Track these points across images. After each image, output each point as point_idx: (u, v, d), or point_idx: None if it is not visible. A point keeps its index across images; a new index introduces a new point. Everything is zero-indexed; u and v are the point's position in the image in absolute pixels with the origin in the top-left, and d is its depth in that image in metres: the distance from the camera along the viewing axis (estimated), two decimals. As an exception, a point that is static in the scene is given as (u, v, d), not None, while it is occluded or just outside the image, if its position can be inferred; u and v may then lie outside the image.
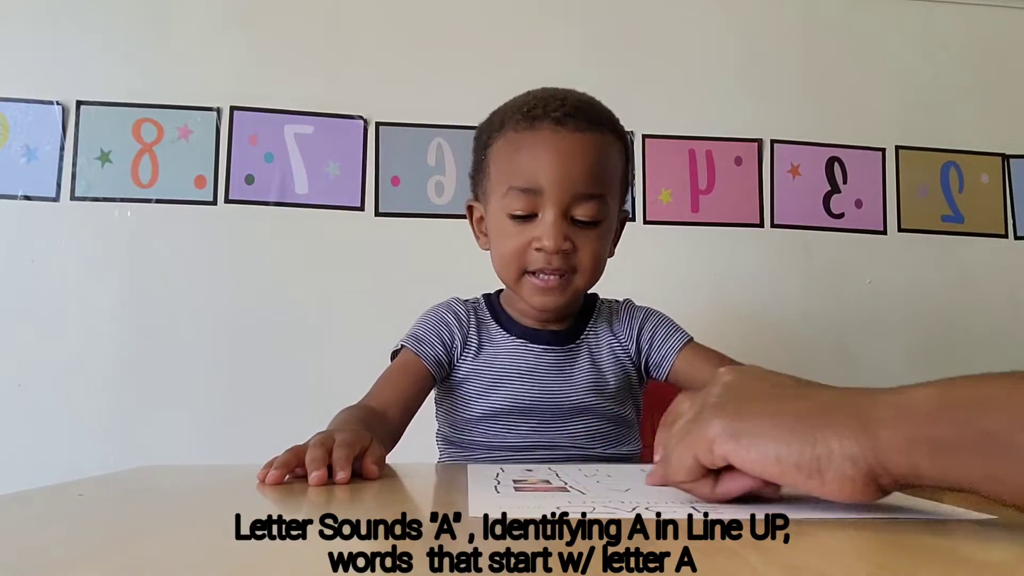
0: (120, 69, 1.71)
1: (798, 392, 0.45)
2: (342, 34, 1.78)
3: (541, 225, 0.87)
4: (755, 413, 0.44)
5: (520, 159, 0.89)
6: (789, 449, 0.41)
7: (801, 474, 0.40)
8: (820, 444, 0.40)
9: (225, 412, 1.65)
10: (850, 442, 0.39)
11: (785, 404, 0.44)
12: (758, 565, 0.31)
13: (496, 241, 0.92)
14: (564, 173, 0.87)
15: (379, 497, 0.56)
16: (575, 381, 0.96)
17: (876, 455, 0.38)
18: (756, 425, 0.43)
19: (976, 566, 0.32)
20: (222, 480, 0.68)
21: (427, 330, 0.98)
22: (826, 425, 0.40)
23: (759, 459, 0.42)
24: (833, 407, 0.41)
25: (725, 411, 0.45)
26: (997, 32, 1.98)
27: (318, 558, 0.31)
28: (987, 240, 1.92)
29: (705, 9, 1.89)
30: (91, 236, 1.67)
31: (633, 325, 1.00)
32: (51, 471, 1.30)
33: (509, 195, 0.88)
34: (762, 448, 0.42)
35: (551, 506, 0.45)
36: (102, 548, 0.36)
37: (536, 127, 0.88)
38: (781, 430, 0.42)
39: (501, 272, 0.94)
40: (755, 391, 0.46)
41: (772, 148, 1.87)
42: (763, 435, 0.42)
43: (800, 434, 0.41)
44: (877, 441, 0.38)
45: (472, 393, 0.97)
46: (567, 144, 0.88)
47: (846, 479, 0.39)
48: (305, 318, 1.69)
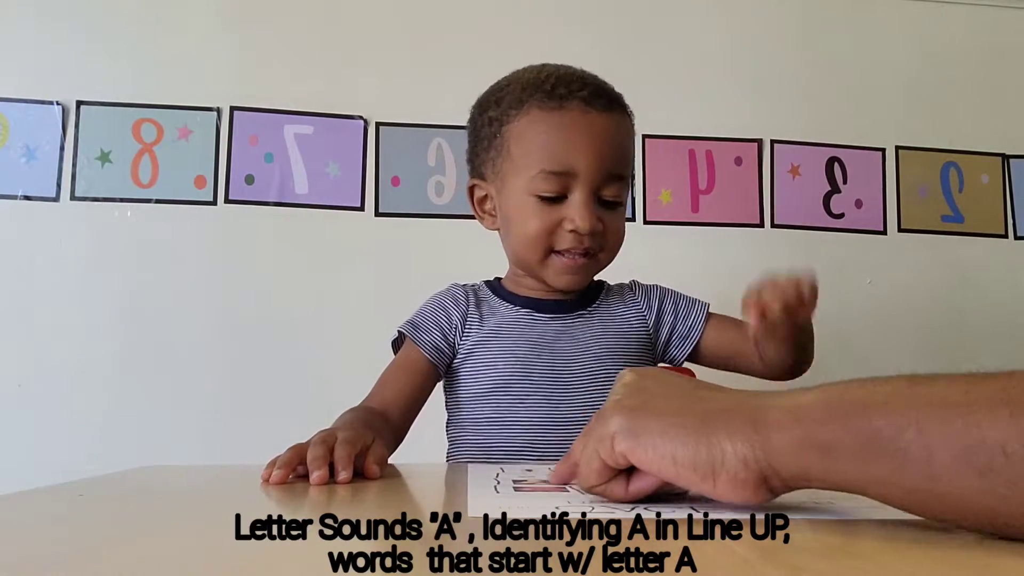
0: (120, 69, 1.71)
1: (697, 394, 0.46)
2: (342, 34, 1.78)
3: (573, 206, 0.87)
4: (654, 412, 0.44)
5: (553, 141, 0.88)
6: (685, 450, 0.41)
7: (696, 475, 0.41)
8: (715, 446, 0.40)
9: (225, 412, 1.65)
10: (742, 445, 0.40)
11: (684, 405, 0.44)
12: (758, 565, 0.31)
13: (520, 221, 0.90)
14: (598, 155, 0.87)
15: (379, 497, 0.56)
16: (588, 345, 0.93)
17: (767, 458, 0.39)
18: (655, 424, 0.43)
19: (975, 565, 0.32)
20: (222, 480, 0.68)
21: (424, 316, 0.96)
22: (721, 427, 0.41)
23: (656, 459, 0.42)
24: (728, 410, 0.42)
25: (625, 409, 0.45)
26: (997, 32, 1.98)
27: (318, 558, 0.31)
28: (987, 240, 1.92)
29: (705, 9, 1.89)
30: (91, 236, 1.67)
31: (651, 297, 0.99)
32: (51, 471, 1.30)
33: (539, 177, 0.87)
34: (660, 448, 0.42)
35: (550, 506, 0.45)
36: (102, 548, 0.36)
37: (565, 107, 0.88)
38: (678, 430, 0.42)
39: (524, 252, 0.91)
40: (655, 391, 0.47)
41: (772, 148, 1.87)
42: (661, 434, 0.43)
43: (696, 435, 0.41)
44: (768, 444, 0.39)
45: (480, 366, 0.93)
46: (600, 126, 0.88)
47: (738, 481, 0.40)
48: (305, 318, 1.69)
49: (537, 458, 0.88)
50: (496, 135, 0.93)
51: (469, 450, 0.93)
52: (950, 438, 0.33)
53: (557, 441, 0.88)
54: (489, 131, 0.94)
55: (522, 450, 0.89)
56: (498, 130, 0.92)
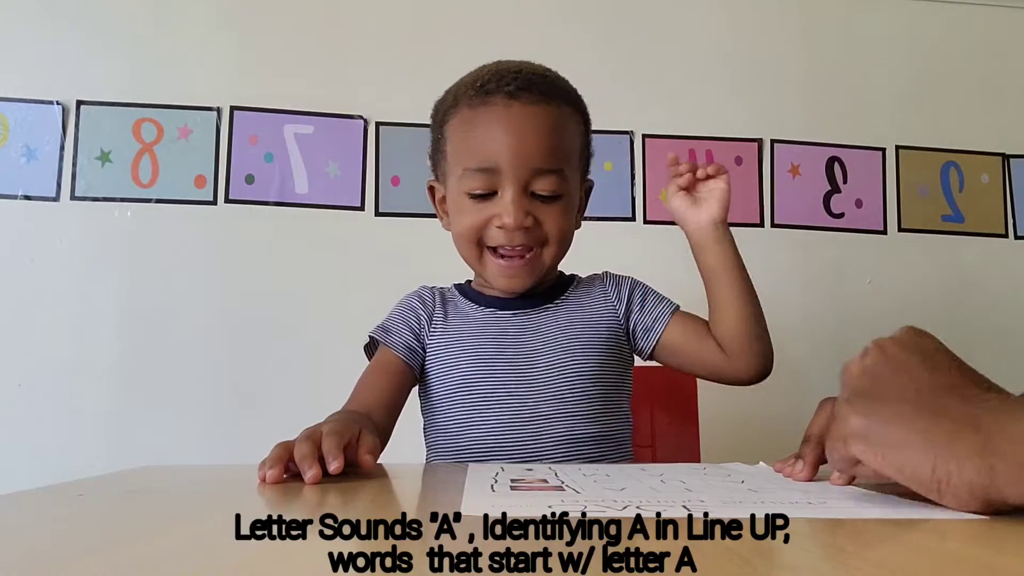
0: (120, 69, 1.72)
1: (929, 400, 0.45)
2: (342, 34, 1.78)
3: (501, 203, 0.86)
4: (886, 419, 0.45)
5: (475, 138, 0.87)
6: (912, 465, 0.43)
7: (921, 488, 0.42)
8: (941, 467, 0.41)
9: (225, 412, 1.65)
10: (969, 470, 0.40)
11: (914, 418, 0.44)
12: (758, 565, 0.31)
13: (455, 219, 0.91)
14: (520, 149, 0.85)
15: (379, 497, 0.56)
16: (553, 336, 0.92)
17: (993, 484, 0.39)
18: (885, 432, 0.45)
19: (976, 566, 0.32)
20: (222, 480, 0.68)
21: (394, 319, 0.97)
22: (950, 449, 0.41)
23: (885, 465, 0.44)
24: (960, 429, 0.42)
25: (857, 412, 0.47)
26: (997, 32, 1.98)
27: (318, 558, 0.31)
28: (987, 240, 1.92)
29: (705, 9, 1.89)
30: (91, 236, 1.67)
31: (622, 288, 0.98)
32: (51, 471, 1.30)
33: (465, 176, 0.87)
34: (889, 458, 0.44)
35: (544, 504, 0.45)
36: (102, 548, 0.36)
37: (489, 102, 0.86)
38: (907, 446, 0.43)
39: (462, 251, 0.92)
40: (887, 389, 0.48)
41: (772, 148, 1.87)
42: (890, 445, 0.44)
43: (924, 453, 0.42)
44: (994, 472, 0.39)
45: (445, 367, 0.93)
46: (521, 118, 0.86)
47: (962, 502, 0.41)
48: (305, 318, 1.69)
49: (509, 453, 0.87)
50: (439, 136, 0.93)
51: (445, 451, 0.93)
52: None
53: (527, 435, 0.88)
54: (434, 133, 0.95)
55: (493, 447, 0.89)
56: (439, 131, 0.93)
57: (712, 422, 0.95)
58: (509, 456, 0.87)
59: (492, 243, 0.89)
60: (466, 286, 1.01)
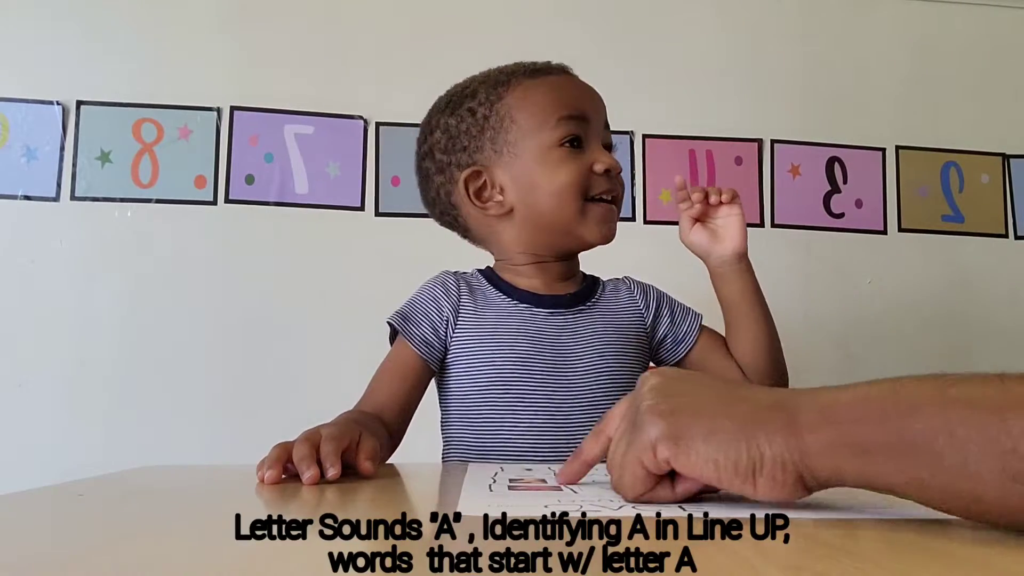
0: (120, 69, 1.71)
1: (732, 393, 0.46)
2: (342, 34, 1.78)
3: (595, 151, 0.91)
4: (693, 416, 0.44)
5: (560, 92, 0.92)
6: (726, 453, 0.42)
7: (737, 478, 0.41)
8: (753, 449, 0.41)
9: (225, 412, 1.65)
10: (779, 446, 0.40)
11: (721, 406, 0.44)
12: (758, 565, 0.31)
13: (548, 177, 0.89)
14: (597, 102, 0.95)
15: (378, 497, 0.56)
16: (590, 340, 0.91)
17: (803, 459, 0.40)
18: (694, 428, 0.44)
19: (975, 565, 0.32)
20: (222, 480, 0.68)
21: (415, 307, 0.93)
22: (759, 429, 0.41)
23: (700, 463, 0.43)
24: (765, 410, 0.42)
25: (663, 414, 0.45)
26: (997, 32, 1.98)
27: (318, 558, 0.31)
28: (987, 240, 1.92)
29: (705, 9, 1.89)
30: (91, 236, 1.67)
31: (649, 296, 1.00)
32: (51, 471, 1.30)
33: (560, 125, 0.90)
34: (703, 453, 0.43)
35: (539, 504, 0.45)
36: (102, 548, 0.36)
37: (552, 72, 0.94)
38: (719, 434, 0.42)
39: (560, 207, 0.90)
40: (688, 392, 0.47)
41: (772, 148, 1.87)
42: (703, 439, 0.43)
43: (735, 438, 0.42)
44: (803, 445, 0.40)
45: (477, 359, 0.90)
46: (585, 83, 0.96)
47: (776, 482, 0.41)
48: (305, 318, 1.69)
49: (537, 455, 0.86)
50: (488, 116, 0.92)
51: (467, 448, 0.91)
52: (984, 444, 0.34)
53: (558, 438, 0.87)
54: (474, 119, 0.93)
55: (522, 447, 0.87)
56: (489, 111, 0.92)
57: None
58: (540, 456, 0.86)
59: (596, 190, 0.91)
60: (493, 275, 0.97)
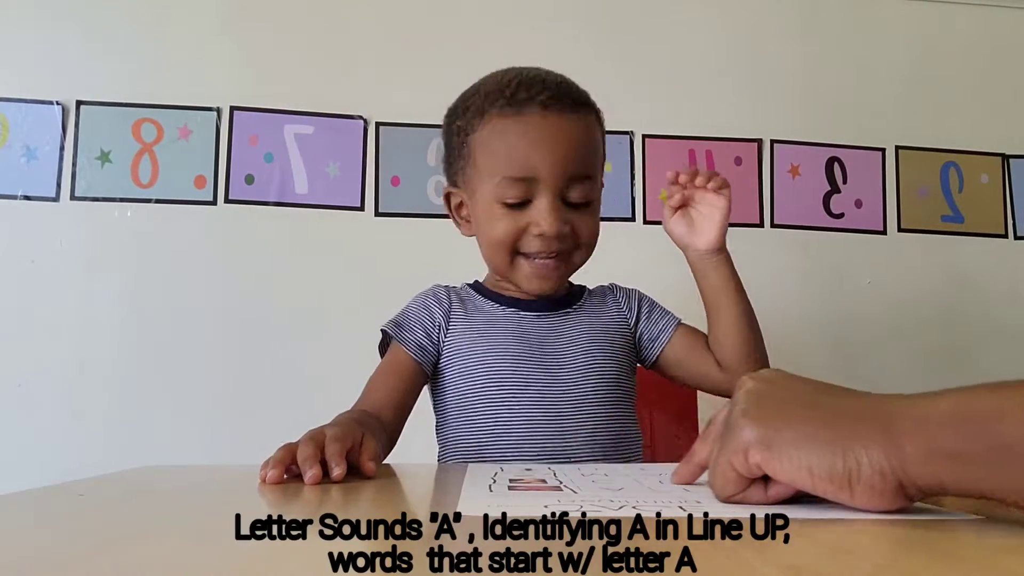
0: (120, 69, 1.71)
1: (826, 400, 0.45)
2: (342, 34, 1.78)
3: (537, 211, 0.87)
4: (785, 421, 0.44)
5: (512, 147, 0.88)
6: (820, 460, 0.41)
7: (832, 485, 0.41)
8: (850, 456, 0.40)
9: (225, 412, 1.65)
10: (878, 455, 0.40)
11: (814, 412, 0.44)
12: (758, 565, 0.31)
13: (487, 226, 0.91)
14: (558, 158, 0.87)
15: (378, 497, 0.56)
16: (576, 340, 0.94)
17: (903, 467, 0.39)
18: (787, 434, 0.43)
19: (975, 565, 0.32)
20: (222, 480, 0.68)
21: (408, 316, 0.96)
22: (854, 437, 0.41)
23: (792, 469, 0.42)
24: (861, 417, 0.42)
25: (754, 418, 0.45)
26: (997, 32, 1.98)
27: (318, 558, 0.31)
28: (987, 240, 1.92)
29: (705, 9, 1.89)
30: (91, 236, 1.67)
31: (631, 298, 1.01)
32: (51, 471, 1.30)
33: (503, 184, 0.87)
34: (795, 459, 0.42)
35: (540, 504, 0.45)
36: (102, 548, 0.36)
37: (523, 112, 0.88)
38: (811, 441, 0.42)
39: (493, 257, 0.93)
40: (781, 397, 0.46)
41: (772, 148, 1.87)
42: (795, 445, 0.42)
43: (830, 445, 0.41)
44: (902, 453, 0.39)
45: (468, 363, 0.93)
46: (559, 129, 0.88)
47: (875, 491, 0.40)
48: (305, 318, 1.69)
49: (528, 454, 0.87)
50: (463, 144, 0.93)
51: (461, 450, 0.92)
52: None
53: (548, 437, 0.88)
54: (457, 140, 0.94)
55: (513, 447, 0.89)
56: (464, 139, 0.93)
57: (712, 422, 0.95)
58: (533, 455, 0.87)
59: (528, 250, 0.90)
60: (481, 285, 1.01)
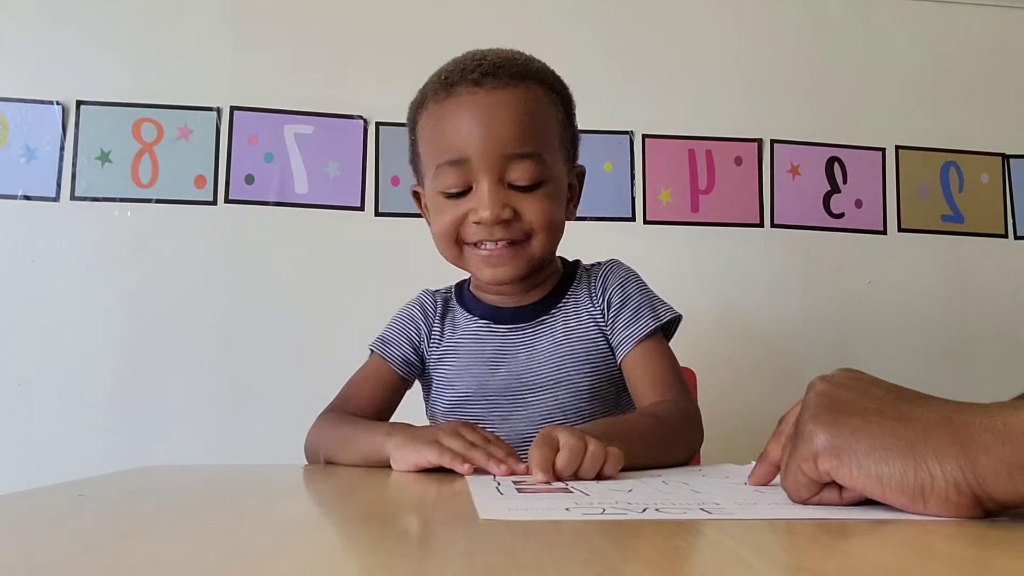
0: (120, 69, 1.71)
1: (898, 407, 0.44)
2: (342, 34, 1.78)
3: (476, 196, 0.82)
4: (855, 429, 0.43)
5: (442, 131, 0.84)
6: (891, 470, 0.41)
7: (904, 496, 0.40)
8: (922, 468, 0.40)
9: (225, 412, 1.65)
10: (952, 468, 0.39)
11: (886, 420, 0.43)
12: (758, 565, 0.31)
13: (434, 221, 0.88)
14: (489, 136, 0.81)
15: (379, 497, 0.56)
16: (547, 356, 0.90)
17: (978, 481, 0.38)
18: (857, 442, 0.43)
19: (975, 565, 0.32)
20: (222, 480, 0.68)
21: (394, 331, 0.97)
22: (927, 448, 0.40)
23: (862, 478, 0.42)
24: (934, 427, 0.41)
25: (825, 425, 0.44)
26: (997, 32, 1.98)
27: (318, 557, 0.31)
28: (987, 240, 1.92)
29: (705, 9, 1.89)
30: (91, 236, 1.67)
31: (607, 289, 0.92)
32: (51, 471, 1.30)
33: (439, 173, 0.84)
34: (865, 468, 0.42)
35: (559, 507, 0.45)
36: (102, 548, 0.36)
37: (453, 94, 0.83)
38: (883, 450, 0.41)
39: (442, 251, 0.89)
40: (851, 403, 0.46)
41: (772, 148, 1.87)
42: (866, 454, 0.42)
43: (902, 456, 0.41)
44: (978, 466, 0.38)
45: (441, 384, 0.94)
46: (487, 104, 0.82)
47: (950, 504, 0.39)
48: (305, 318, 1.69)
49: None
50: (413, 139, 0.92)
51: None
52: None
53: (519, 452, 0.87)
54: (411, 136, 0.93)
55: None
56: (413, 134, 0.92)
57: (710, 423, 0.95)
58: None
59: (471, 239, 0.85)
60: (466, 290, 0.99)
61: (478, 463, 0.65)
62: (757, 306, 1.82)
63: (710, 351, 1.61)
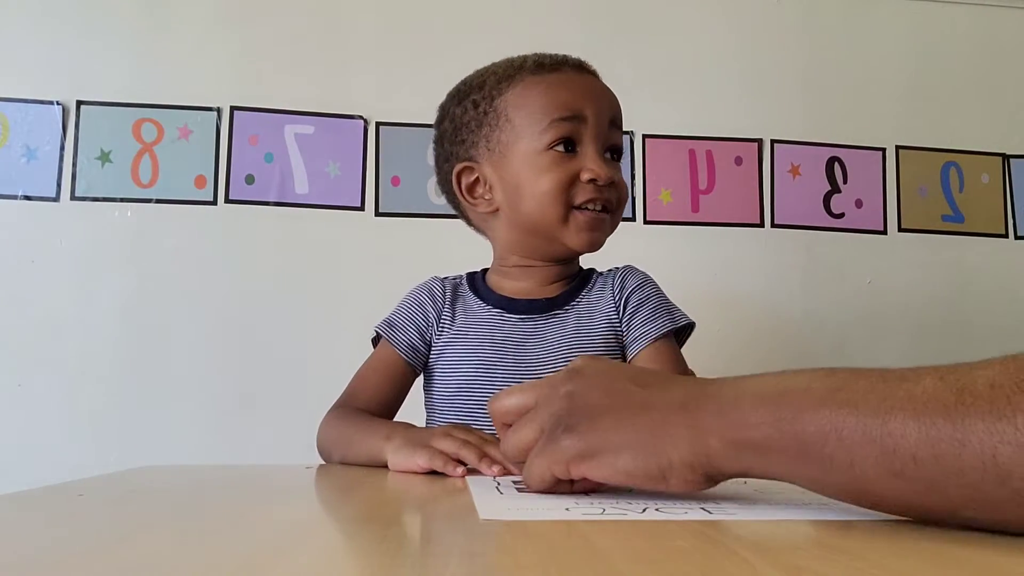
0: (120, 69, 1.71)
1: (640, 400, 0.48)
2: (342, 34, 1.78)
3: (586, 157, 0.88)
4: (605, 430, 0.47)
5: (556, 93, 0.89)
6: (636, 463, 0.45)
7: (650, 482, 0.45)
8: (662, 456, 0.44)
9: (225, 412, 1.65)
10: (685, 451, 0.44)
11: (628, 417, 0.47)
12: (758, 565, 0.31)
13: (532, 181, 0.88)
14: (602, 99, 0.90)
15: (379, 497, 0.56)
16: (553, 349, 0.90)
17: (708, 460, 0.43)
18: (606, 443, 0.46)
19: (975, 566, 0.32)
20: (222, 480, 0.68)
21: (401, 314, 0.96)
22: (665, 435, 0.45)
23: (613, 475, 0.46)
24: (670, 415, 0.45)
25: (575, 432, 0.48)
26: (997, 32, 1.98)
27: (318, 557, 0.31)
28: (987, 240, 1.92)
29: (705, 9, 1.89)
30: (91, 236, 1.67)
31: (625, 288, 0.94)
32: (51, 471, 1.30)
33: (551, 128, 0.87)
34: (614, 465, 0.46)
35: (559, 507, 0.45)
36: (102, 548, 0.36)
37: (560, 69, 0.91)
38: (628, 448, 0.46)
39: (542, 213, 0.88)
40: (598, 404, 0.49)
41: (772, 148, 1.87)
42: (613, 452, 0.46)
43: (644, 450, 0.45)
44: (708, 449, 0.43)
45: (448, 368, 0.93)
46: (596, 82, 0.94)
47: (687, 481, 0.44)
48: (305, 318, 1.69)
49: None
50: (487, 112, 0.92)
51: None
52: (867, 446, 0.37)
53: None
54: (476, 113, 0.93)
55: None
56: (489, 106, 0.92)
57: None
58: None
59: (580, 199, 0.88)
60: (479, 279, 0.99)
61: (469, 462, 0.65)
62: (757, 306, 1.81)
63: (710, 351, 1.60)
